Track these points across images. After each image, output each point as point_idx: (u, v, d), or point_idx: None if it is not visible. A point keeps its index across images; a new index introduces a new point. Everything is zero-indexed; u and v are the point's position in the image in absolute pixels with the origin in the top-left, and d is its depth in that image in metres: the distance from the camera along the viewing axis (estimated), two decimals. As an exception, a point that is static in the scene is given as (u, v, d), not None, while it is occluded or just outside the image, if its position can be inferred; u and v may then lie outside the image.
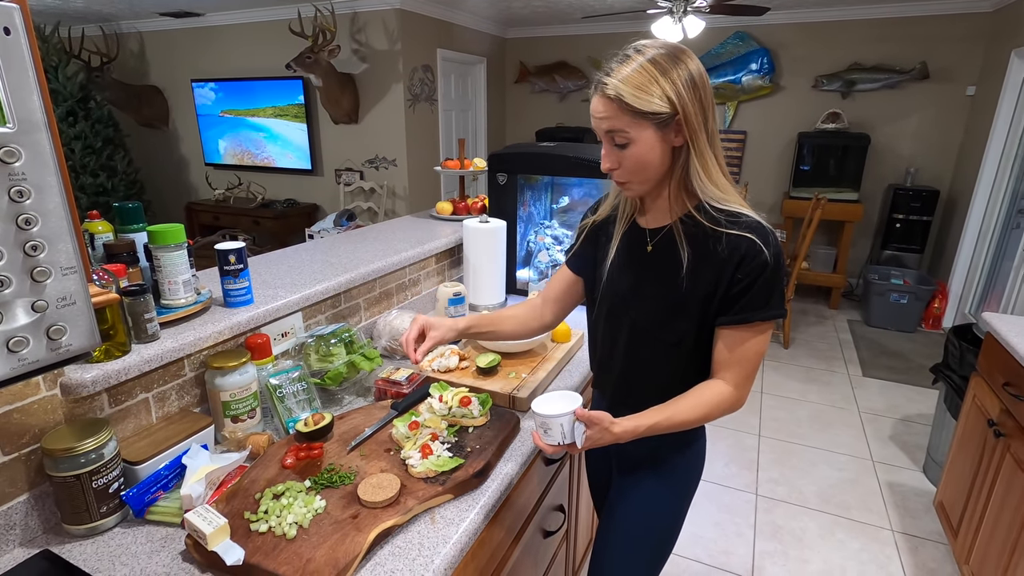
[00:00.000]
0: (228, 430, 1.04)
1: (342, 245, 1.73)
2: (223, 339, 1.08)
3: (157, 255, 1.03)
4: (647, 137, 0.83)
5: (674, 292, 0.90)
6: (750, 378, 0.92)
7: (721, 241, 0.86)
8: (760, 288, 0.85)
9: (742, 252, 0.84)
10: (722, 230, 0.86)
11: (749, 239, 0.84)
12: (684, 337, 0.92)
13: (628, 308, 0.97)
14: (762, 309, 0.86)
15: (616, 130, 0.84)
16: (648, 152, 0.84)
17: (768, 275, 0.84)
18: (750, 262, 0.84)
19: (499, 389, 1.21)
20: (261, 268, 1.46)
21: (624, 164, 0.87)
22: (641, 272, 0.96)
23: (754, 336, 0.89)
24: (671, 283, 0.91)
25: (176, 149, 5.53)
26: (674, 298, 0.91)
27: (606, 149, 0.88)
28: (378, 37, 4.22)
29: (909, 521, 2.15)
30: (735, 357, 0.90)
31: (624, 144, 0.85)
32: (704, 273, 0.88)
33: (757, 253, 0.84)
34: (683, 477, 1.07)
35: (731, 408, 0.92)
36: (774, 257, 0.84)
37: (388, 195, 4.57)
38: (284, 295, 1.25)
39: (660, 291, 0.93)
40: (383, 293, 1.58)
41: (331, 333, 1.25)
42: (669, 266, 0.91)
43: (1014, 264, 3.23)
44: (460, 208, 2.13)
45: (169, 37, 5.10)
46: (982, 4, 3.94)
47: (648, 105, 0.80)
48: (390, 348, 1.44)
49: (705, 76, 0.84)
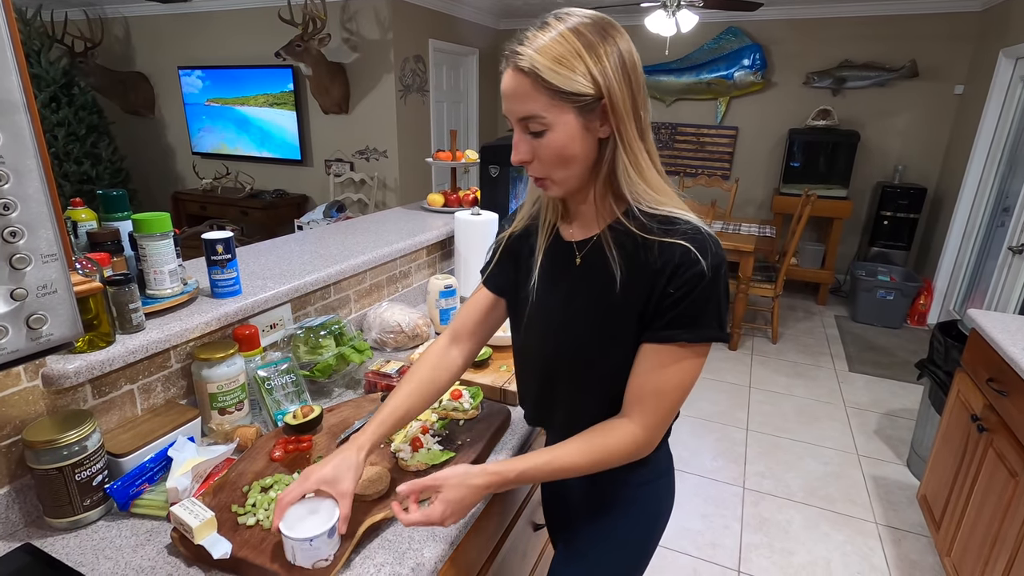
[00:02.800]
0: (215, 422, 1.03)
1: (332, 236, 1.71)
2: (210, 330, 1.07)
3: (142, 244, 1.01)
4: (567, 123, 0.69)
5: (607, 312, 0.78)
6: (664, 419, 0.76)
7: (653, 250, 0.73)
8: (691, 303, 0.72)
9: (675, 262, 0.71)
10: (654, 238, 0.73)
11: (683, 247, 0.71)
12: (622, 365, 0.78)
13: (560, 333, 0.83)
14: (690, 327, 0.73)
15: (531, 115, 0.70)
16: (569, 142, 0.70)
17: (703, 289, 0.71)
18: (683, 273, 0.71)
19: (490, 382, 1.21)
20: (249, 258, 1.44)
21: (540, 156, 0.73)
22: (570, 290, 0.82)
23: (676, 362, 0.74)
24: (603, 302, 0.77)
25: (162, 137, 5.44)
26: (607, 319, 0.78)
27: (518, 136, 0.73)
28: (369, 26, 4.17)
29: (892, 514, 2.18)
30: (650, 386, 0.75)
31: (540, 132, 0.71)
32: (636, 288, 0.74)
33: (692, 263, 0.71)
34: (651, 520, 0.92)
35: (633, 455, 0.77)
36: (712, 269, 0.71)
37: (378, 187, 4.53)
38: (273, 286, 1.23)
39: (592, 312, 0.79)
40: (373, 285, 1.57)
41: (320, 325, 1.24)
42: (600, 282, 0.77)
43: (998, 262, 3.28)
44: (452, 200, 2.12)
45: (155, 23, 5.00)
46: (971, 3, 3.97)
47: (570, 84, 0.67)
48: (380, 340, 1.43)
49: (637, 58, 0.72)
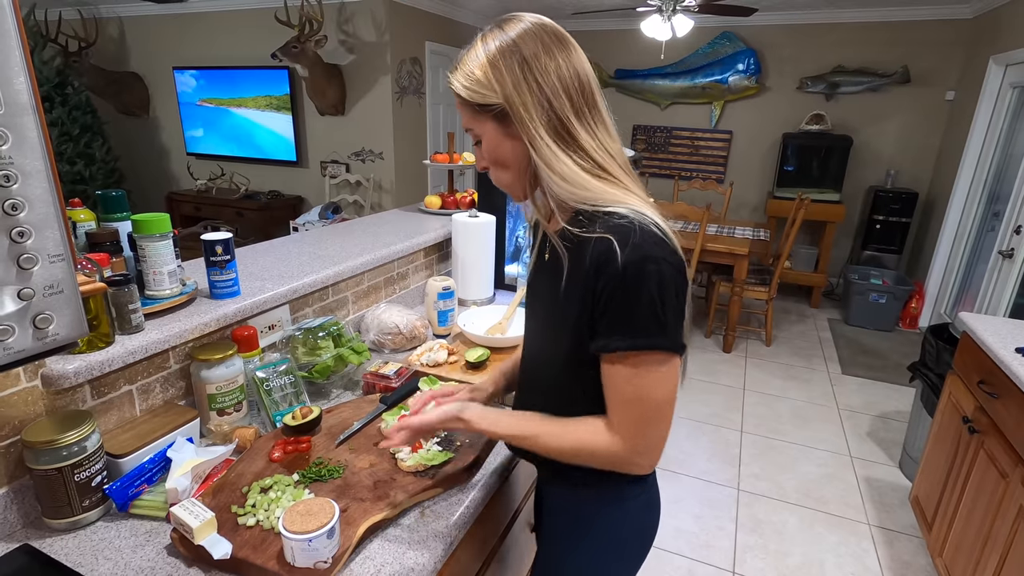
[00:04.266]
0: (214, 423, 1.03)
1: (329, 238, 1.71)
2: (209, 331, 1.07)
3: (142, 245, 1.01)
4: (489, 132, 0.74)
5: (552, 309, 0.77)
6: (645, 425, 0.70)
7: (587, 246, 0.68)
8: (619, 303, 0.66)
9: (598, 258, 0.67)
10: (588, 234, 0.69)
11: (606, 240, 0.66)
12: (562, 368, 0.77)
13: (527, 324, 0.88)
14: (624, 334, 0.66)
15: (467, 127, 0.76)
16: (495, 149, 0.74)
17: (623, 287, 0.65)
18: (605, 269, 0.66)
19: (488, 384, 1.21)
20: (247, 260, 1.44)
21: (485, 162, 0.78)
22: (537, 283, 0.84)
23: (631, 374, 0.68)
24: (550, 298, 0.76)
25: (157, 138, 5.42)
26: (551, 316, 0.78)
27: (474, 148, 0.80)
28: (366, 28, 4.17)
29: (885, 515, 2.20)
30: (614, 397, 0.71)
31: (477, 141, 0.76)
32: (572, 288, 0.71)
33: (609, 255, 0.65)
34: (628, 551, 0.87)
35: (610, 457, 0.72)
36: (632, 263, 0.64)
37: (374, 188, 4.53)
38: (271, 287, 1.23)
39: (544, 306, 0.80)
40: (371, 287, 1.57)
41: (319, 326, 1.24)
42: (553, 278, 0.75)
43: (988, 266, 3.32)
44: (449, 202, 2.12)
45: (150, 23, 4.99)
46: (963, 10, 4.02)
47: (477, 96, 0.71)
48: (378, 342, 1.43)
49: (549, 54, 0.70)
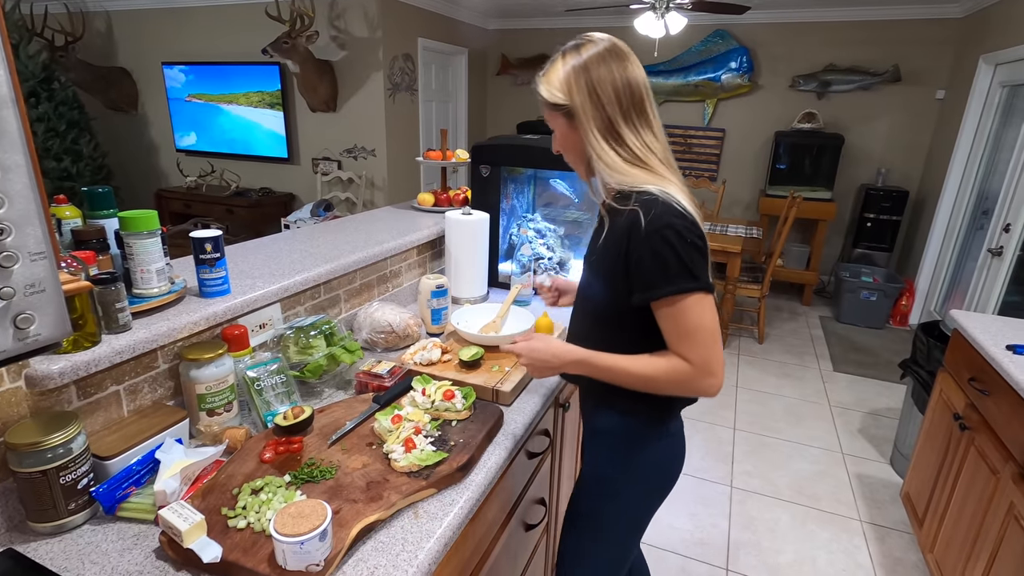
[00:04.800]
0: (204, 424, 1.01)
1: (321, 235, 1.69)
2: (198, 330, 1.05)
3: (129, 242, 0.99)
4: (560, 126, 0.97)
5: (596, 257, 0.99)
6: (704, 347, 0.88)
7: (623, 215, 0.90)
8: (649, 258, 0.86)
9: (628, 225, 0.88)
10: (622, 207, 0.90)
11: (633, 211, 0.87)
12: (599, 308, 0.99)
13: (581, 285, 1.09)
14: (663, 282, 0.86)
15: (546, 119, 0.99)
16: (563, 139, 0.97)
17: (650, 243, 0.86)
18: (632, 232, 0.87)
19: (482, 383, 1.20)
20: (238, 257, 1.42)
21: (559, 146, 1.01)
22: (594, 237, 1.05)
23: (680, 312, 0.87)
24: (597, 248, 0.99)
25: (145, 134, 5.35)
26: (596, 262, 0.99)
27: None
28: (358, 24, 4.14)
29: (876, 512, 2.22)
30: (672, 334, 0.90)
31: (551, 131, 1.00)
32: (608, 249, 0.94)
33: (635, 221, 0.87)
34: (656, 480, 1.07)
35: (690, 378, 0.89)
36: (651, 223, 0.85)
37: (367, 185, 4.50)
38: (262, 285, 1.21)
39: (591, 268, 1.03)
40: (364, 285, 1.55)
41: (311, 325, 1.22)
42: (598, 241, 0.98)
43: (977, 264, 3.35)
44: (442, 200, 2.11)
45: (139, 17, 4.92)
46: (953, 10, 4.05)
47: (552, 97, 0.94)
48: (371, 340, 1.42)
49: (609, 71, 0.91)
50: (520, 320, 1.46)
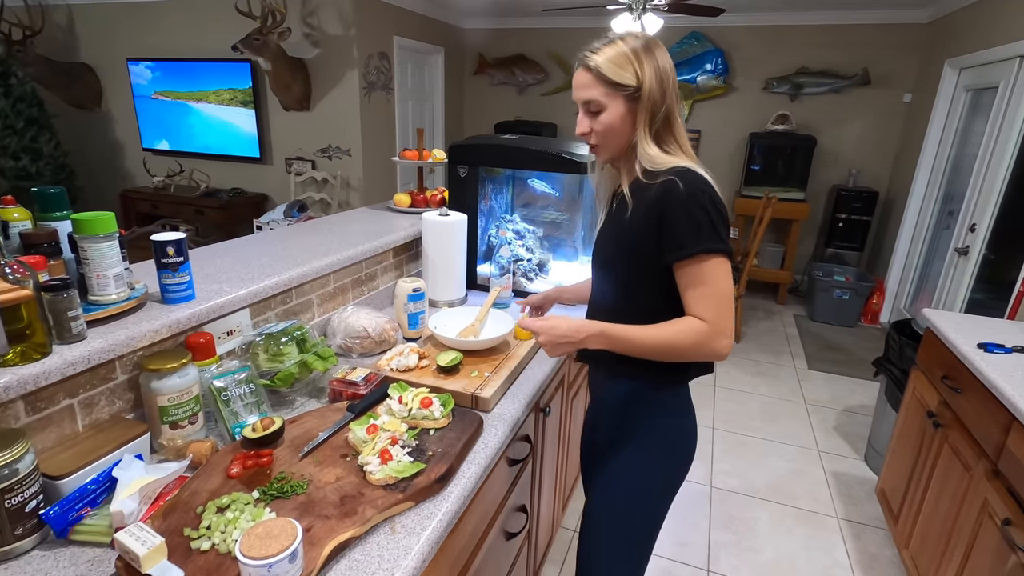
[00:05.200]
0: (166, 437, 0.96)
1: (294, 237, 1.64)
2: (160, 338, 0.99)
3: (84, 246, 0.93)
4: (617, 106, 0.98)
5: (620, 234, 1.03)
6: (720, 308, 0.93)
7: (652, 187, 0.97)
8: (683, 220, 0.92)
9: (662, 190, 0.94)
10: (653, 181, 0.97)
11: (669, 179, 0.94)
12: (629, 276, 1.03)
13: (598, 254, 1.13)
14: (694, 242, 0.92)
15: (591, 100, 0.99)
16: (617, 119, 0.99)
17: (686, 206, 0.92)
18: (667, 196, 0.93)
19: (461, 389, 1.17)
20: (204, 261, 1.36)
21: (596, 129, 1.01)
22: (606, 225, 1.12)
23: (704, 271, 0.93)
24: (620, 227, 1.03)
25: (110, 132, 5.17)
26: (619, 239, 1.04)
27: (581, 116, 1.02)
28: (331, 21, 4.06)
29: (852, 508, 2.25)
30: (693, 293, 0.95)
31: (598, 111, 0.99)
32: (638, 215, 0.99)
33: (672, 187, 0.93)
34: (670, 449, 1.11)
35: (705, 337, 0.93)
36: (688, 188, 0.92)
37: (342, 186, 4.42)
38: (230, 290, 1.16)
39: (613, 235, 1.07)
40: (338, 288, 1.51)
41: (281, 331, 1.17)
42: (622, 216, 1.03)
43: (944, 263, 3.44)
44: (419, 200, 2.07)
45: (102, 11, 4.75)
46: (918, 15, 4.15)
47: (621, 78, 0.96)
48: (346, 346, 1.37)
49: (671, 67, 0.99)
50: (500, 323, 1.43)
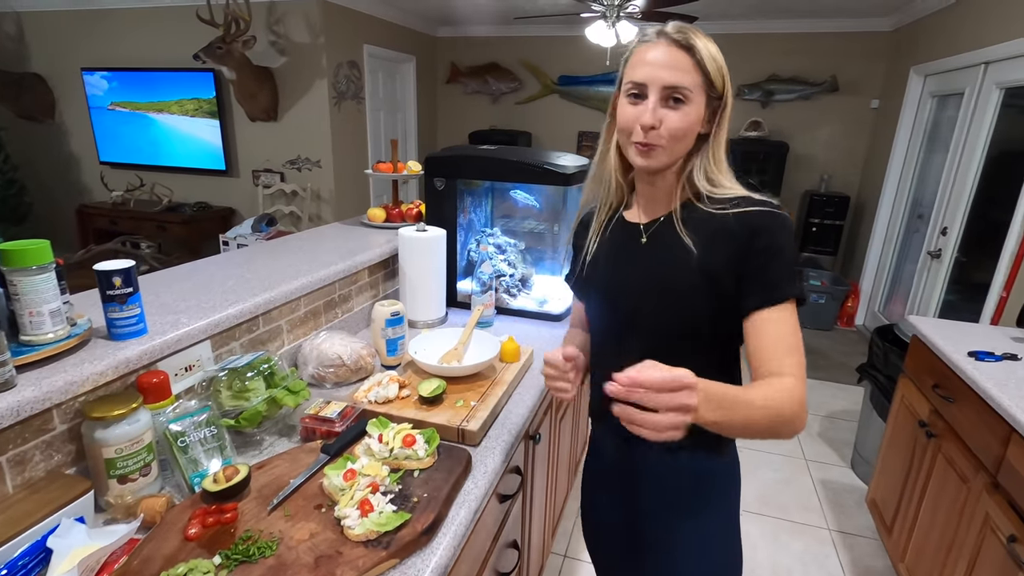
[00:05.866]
0: (114, 494, 0.85)
1: (260, 258, 1.53)
2: (106, 380, 0.88)
3: (13, 280, 0.82)
4: (698, 107, 0.81)
5: (681, 277, 0.84)
6: (804, 374, 0.78)
7: (729, 220, 0.81)
8: (781, 262, 0.79)
9: (756, 226, 0.80)
10: (730, 211, 0.81)
11: (763, 212, 0.81)
12: (699, 325, 0.85)
13: (629, 304, 0.90)
14: (786, 285, 0.79)
15: (680, 86, 0.78)
16: (694, 121, 0.81)
17: (786, 249, 0.80)
18: (767, 236, 0.79)
19: (446, 422, 1.08)
20: (161, 287, 1.24)
21: (667, 124, 0.80)
22: (637, 264, 0.90)
23: (789, 318, 0.79)
24: (676, 269, 0.85)
25: (64, 145, 4.92)
26: (682, 283, 0.84)
27: (653, 103, 0.79)
28: (298, 29, 3.94)
29: (844, 519, 2.22)
30: (780, 346, 0.78)
31: (680, 103, 0.79)
32: (716, 253, 0.82)
33: (774, 226, 0.80)
34: (727, 492, 0.96)
35: (800, 406, 0.74)
36: (785, 226, 0.81)
37: (312, 198, 4.28)
38: (188, 321, 1.05)
39: (664, 280, 0.86)
40: (309, 312, 1.40)
41: (247, 365, 1.07)
42: (671, 253, 0.85)
43: (917, 266, 3.48)
44: (394, 215, 1.97)
45: (54, 19, 4.53)
46: (883, 23, 4.24)
47: (717, 78, 0.81)
48: (319, 376, 1.27)
49: None
50: (484, 346, 1.35)
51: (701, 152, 0.84)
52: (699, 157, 0.84)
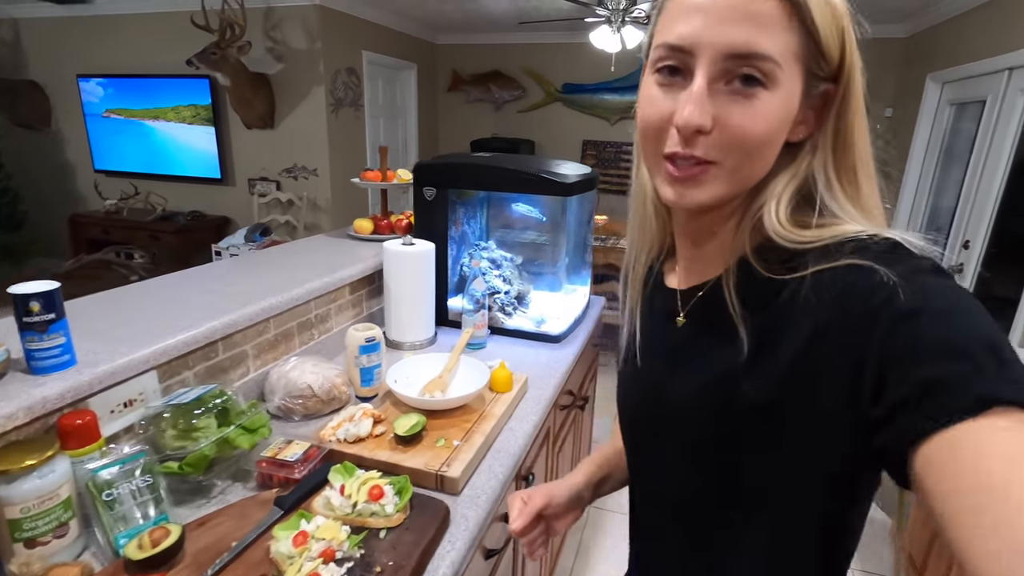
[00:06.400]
0: (20, 561, 0.71)
1: (230, 274, 1.40)
2: (18, 424, 0.75)
3: (-97, 306, 0.69)
4: (791, 93, 0.44)
5: (727, 387, 0.47)
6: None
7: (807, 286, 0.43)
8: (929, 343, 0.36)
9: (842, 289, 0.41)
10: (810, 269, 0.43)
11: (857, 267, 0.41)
12: (757, 469, 0.48)
13: (663, 421, 0.56)
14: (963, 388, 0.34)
15: (757, 53, 0.42)
16: (783, 116, 0.44)
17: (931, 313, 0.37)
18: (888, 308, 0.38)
19: (423, 466, 0.94)
20: (107, 308, 1.11)
21: (730, 124, 0.43)
22: (665, 362, 0.56)
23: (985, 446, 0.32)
24: (722, 373, 0.48)
25: (60, 153, 4.85)
26: (728, 398, 0.47)
27: (700, 86, 0.43)
28: (296, 35, 3.85)
29: (867, 557, 2.05)
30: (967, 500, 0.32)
31: (754, 84, 0.43)
32: (784, 353, 0.44)
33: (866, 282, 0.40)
34: None
35: None
36: (940, 271, 0.40)
37: (308, 208, 4.17)
38: (129, 349, 0.92)
39: (704, 389, 0.50)
40: (281, 335, 1.27)
41: (196, 400, 0.93)
42: (715, 346, 0.50)
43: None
44: (382, 226, 1.85)
45: (51, 26, 4.48)
46: (896, 30, 4.12)
47: (831, 38, 0.43)
48: (286, 407, 1.13)
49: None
50: (472, 374, 1.21)
51: (791, 173, 0.47)
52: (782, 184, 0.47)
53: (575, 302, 1.78)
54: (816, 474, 0.45)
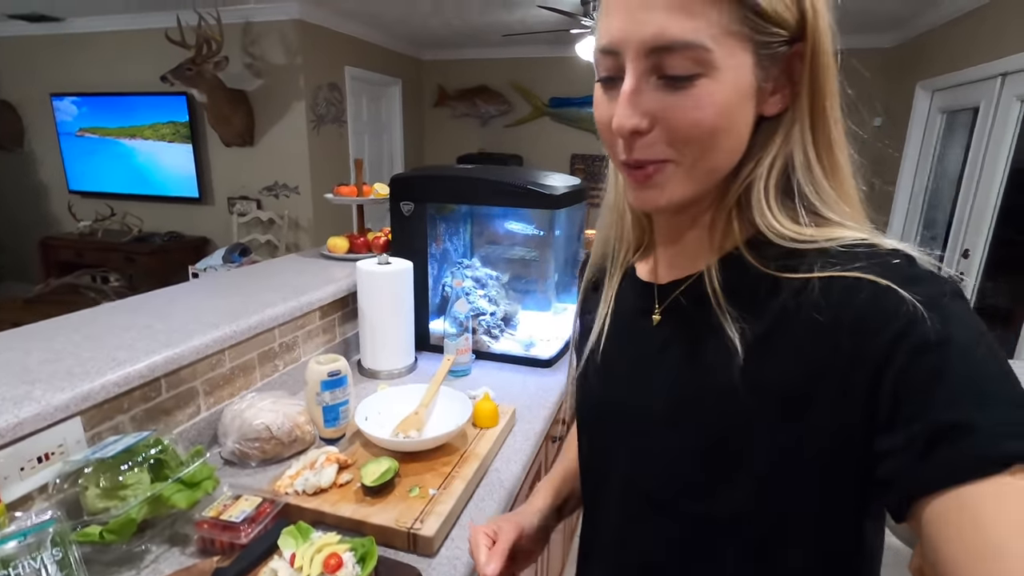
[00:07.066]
0: None
1: (187, 298, 1.27)
2: None
3: None
4: (740, 69, 0.40)
5: (713, 388, 0.43)
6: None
7: (813, 291, 0.39)
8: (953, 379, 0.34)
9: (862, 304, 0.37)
10: (816, 274, 0.39)
11: (874, 283, 0.37)
12: (744, 505, 0.43)
13: (617, 443, 0.52)
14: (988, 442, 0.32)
15: (679, 42, 0.38)
16: (734, 102, 0.40)
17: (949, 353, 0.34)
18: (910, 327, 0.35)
19: (393, 523, 0.81)
20: (37, 342, 0.98)
21: (672, 120, 0.40)
22: (643, 362, 0.51)
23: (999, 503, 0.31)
24: (705, 383, 0.45)
25: (33, 174, 4.69)
26: (714, 400, 0.43)
27: (632, 84, 0.40)
28: (275, 51, 3.76)
29: (882, 587, 1.92)
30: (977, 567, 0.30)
31: (688, 77, 0.39)
32: (782, 359, 0.40)
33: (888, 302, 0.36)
34: None
35: None
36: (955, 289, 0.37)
37: (289, 227, 4.04)
38: (44, 394, 0.79)
39: (684, 389, 0.46)
40: (238, 368, 1.14)
41: (125, 451, 0.80)
42: (698, 349, 0.46)
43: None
44: (358, 244, 1.73)
45: (23, 44, 4.35)
46: (882, 39, 4.10)
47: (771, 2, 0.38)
48: (241, 452, 1.00)
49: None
50: (454, 407, 1.08)
51: (773, 151, 0.43)
52: (766, 165, 0.43)
53: (565, 322, 1.66)
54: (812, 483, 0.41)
